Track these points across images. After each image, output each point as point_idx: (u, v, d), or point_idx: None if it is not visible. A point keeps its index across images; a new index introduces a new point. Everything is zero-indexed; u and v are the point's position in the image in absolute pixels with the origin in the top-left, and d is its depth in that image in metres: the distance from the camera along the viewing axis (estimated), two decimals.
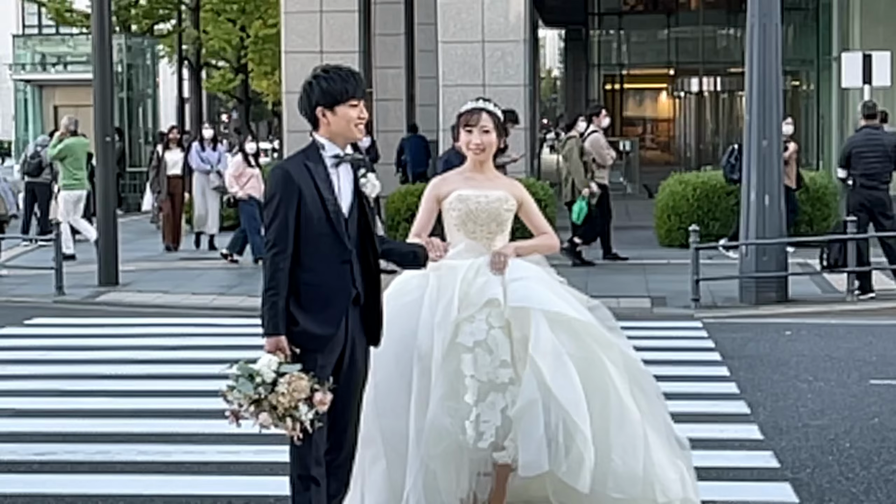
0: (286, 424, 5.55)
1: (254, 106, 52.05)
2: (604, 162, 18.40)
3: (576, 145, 18.11)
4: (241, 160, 19.24)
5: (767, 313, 14.47)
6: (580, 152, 18.05)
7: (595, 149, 18.29)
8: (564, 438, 6.22)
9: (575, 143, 18.16)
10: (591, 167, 18.15)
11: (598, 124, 18.67)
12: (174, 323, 14.34)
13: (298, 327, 5.68)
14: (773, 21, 14.93)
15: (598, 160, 18.31)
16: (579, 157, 18.01)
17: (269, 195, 5.75)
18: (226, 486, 7.72)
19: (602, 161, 18.37)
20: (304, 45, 23.37)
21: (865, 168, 15.31)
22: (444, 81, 21.11)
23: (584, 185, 17.94)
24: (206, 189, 21.36)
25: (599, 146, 18.41)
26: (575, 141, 18.18)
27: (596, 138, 18.47)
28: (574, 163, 18.02)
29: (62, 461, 8.38)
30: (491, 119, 6.65)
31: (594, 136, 18.47)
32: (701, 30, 43.36)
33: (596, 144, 18.38)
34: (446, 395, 6.26)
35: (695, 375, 10.95)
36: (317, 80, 5.82)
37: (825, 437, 8.83)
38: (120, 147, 28.41)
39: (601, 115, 18.98)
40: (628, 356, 6.56)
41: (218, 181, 21.39)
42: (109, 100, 17.63)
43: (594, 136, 18.46)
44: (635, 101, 49.72)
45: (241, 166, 19.07)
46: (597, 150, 18.31)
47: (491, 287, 6.41)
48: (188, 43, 39.93)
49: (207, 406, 8.87)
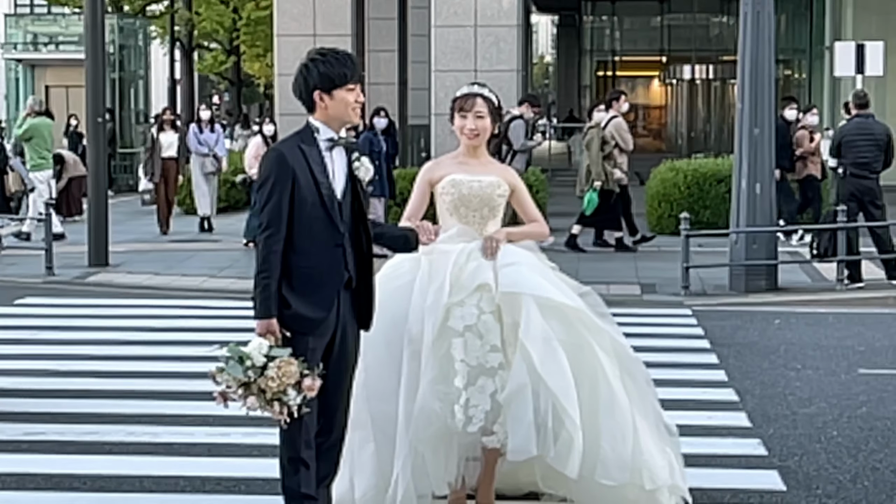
0: (274, 408, 5.56)
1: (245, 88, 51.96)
2: (626, 146, 18.43)
3: (596, 136, 18.09)
4: (260, 141, 19.27)
5: (757, 301, 14.49)
6: (601, 143, 18.03)
7: (619, 132, 18.30)
8: (553, 424, 6.24)
9: (595, 133, 18.13)
10: (613, 155, 18.15)
11: (617, 109, 18.69)
12: (164, 304, 14.33)
13: (290, 310, 5.69)
14: (766, 9, 14.93)
15: (622, 144, 18.31)
16: (598, 148, 18.00)
17: (263, 177, 5.75)
18: (215, 468, 7.72)
19: (625, 146, 18.39)
20: (296, 27, 23.28)
21: (856, 157, 15.32)
22: (436, 66, 21.07)
23: (599, 176, 17.95)
24: (203, 171, 21.28)
25: (623, 129, 18.45)
26: (595, 131, 18.15)
27: (619, 122, 18.49)
28: (593, 153, 18.01)
29: (51, 441, 8.38)
30: (486, 104, 6.65)
31: (616, 120, 18.48)
32: (694, 17, 43.40)
33: (619, 128, 18.39)
34: (436, 379, 6.27)
35: (684, 363, 10.97)
36: (314, 63, 5.80)
37: (813, 425, 8.85)
38: (111, 128, 28.35)
39: (620, 99, 19.00)
40: (618, 343, 6.57)
41: (213, 165, 21.32)
42: (101, 80, 17.58)
43: (616, 121, 18.47)
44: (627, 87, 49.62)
45: (260, 148, 19.03)
46: (620, 133, 18.32)
47: (482, 272, 6.42)
48: (180, 24, 39.85)
49: (197, 388, 8.87)
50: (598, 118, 18.44)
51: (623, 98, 19.12)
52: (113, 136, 29.59)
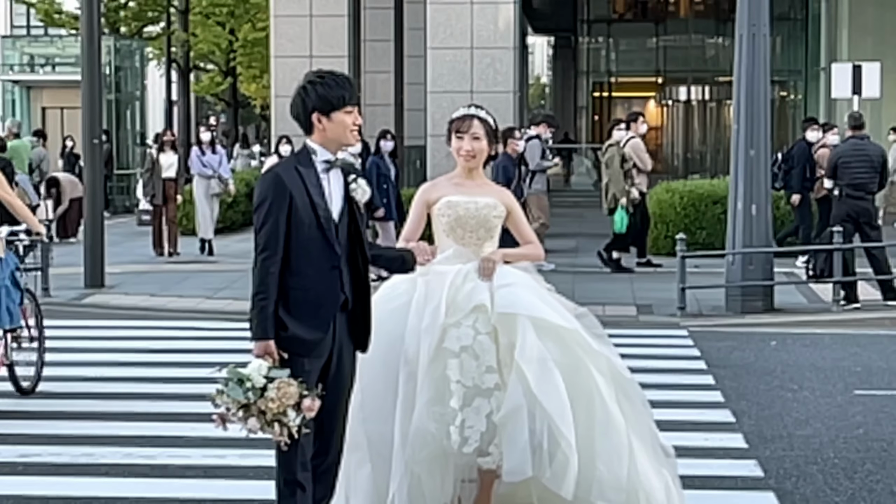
0: (274, 430, 5.56)
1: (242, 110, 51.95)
2: (644, 167, 18.48)
3: (616, 153, 18.13)
4: (277, 161, 19.25)
5: (753, 322, 14.49)
6: (621, 160, 18.07)
7: (637, 153, 18.36)
8: (549, 445, 6.23)
9: (616, 151, 18.17)
10: (631, 174, 18.19)
11: (636, 130, 18.75)
12: (160, 326, 14.32)
13: (287, 332, 5.69)
14: (761, 31, 14.97)
15: (640, 165, 18.36)
16: (619, 166, 18.03)
17: (259, 199, 5.74)
18: (211, 490, 7.72)
19: (643, 166, 18.44)
20: (293, 49, 23.35)
21: (852, 178, 15.34)
22: (432, 87, 21.10)
23: (622, 193, 17.98)
24: (208, 193, 21.21)
25: (640, 150, 18.52)
26: (616, 149, 18.19)
27: (636, 143, 18.56)
28: (614, 171, 18.04)
29: (46, 463, 8.37)
30: (482, 126, 6.66)
31: (634, 140, 18.55)
32: (690, 39, 43.46)
33: (637, 149, 18.46)
34: (432, 400, 6.27)
35: (680, 384, 10.96)
36: (312, 85, 5.80)
37: (810, 446, 8.85)
38: (108, 149, 28.35)
39: (639, 121, 19.10)
40: (614, 364, 6.57)
41: (219, 187, 21.25)
42: (98, 102, 17.60)
43: (634, 141, 18.54)
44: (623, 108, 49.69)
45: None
46: (638, 154, 18.37)
47: (479, 293, 6.42)
48: (177, 46, 39.88)
49: (193, 409, 8.87)
50: (617, 136, 18.49)
51: (641, 119, 19.24)
52: (109, 157, 29.58)
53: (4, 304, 9.96)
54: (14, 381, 10.34)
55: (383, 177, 17.88)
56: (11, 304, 10.04)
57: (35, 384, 10.52)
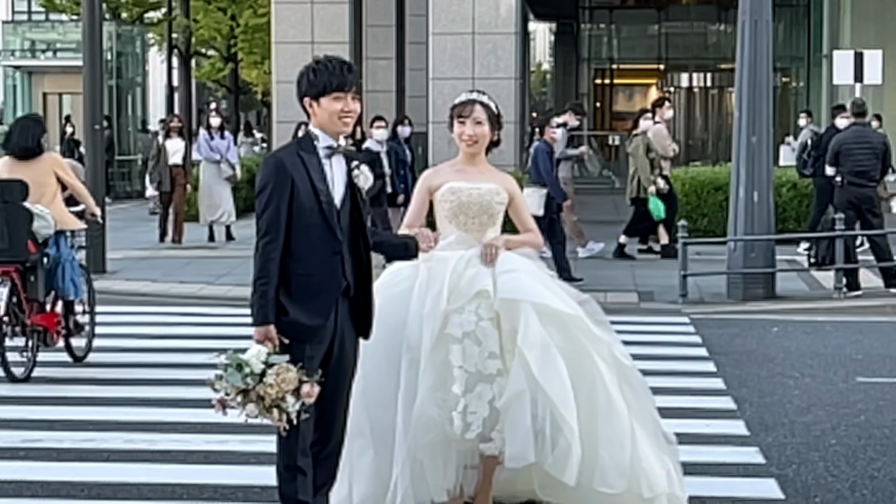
0: (272, 415, 5.56)
1: (243, 96, 51.93)
2: (666, 153, 18.43)
3: (642, 142, 18.09)
4: None
5: (755, 309, 14.48)
6: (647, 149, 18.03)
7: (657, 139, 18.28)
8: (551, 431, 6.23)
9: (641, 140, 18.13)
10: (657, 162, 18.13)
11: (661, 116, 18.70)
12: (162, 311, 14.32)
13: (288, 317, 5.68)
14: (763, 18, 14.94)
15: (661, 151, 18.28)
16: (645, 155, 17.99)
17: (261, 184, 5.74)
18: (212, 476, 7.72)
19: (664, 153, 18.38)
20: (294, 35, 23.31)
21: (854, 166, 15.33)
22: (434, 74, 21.08)
23: (649, 182, 17.95)
24: (217, 178, 21.12)
25: (662, 136, 18.46)
26: (641, 138, 18.15)
27: (659, 129, 18.49)
28: (640, 160, 18.00)
29: (48, 448, 8.37)
30: (484, 111, 6.65)
31: (657, 126, 18.49)
32: (692, 25, 43.41)
33: (658, 135, 18.39)
34: (434, 386, 6.27)
35: (681, 371, 10.96)
36: (308, 70, 5.83)
37: (811, 433, 8.85)
38: (109, 135, 28.33)
39: (664, 106, 19.02)
40: (616, 351, 6.57)
41: (230, 171, 21.18)
42: (99, 87, 17.58)
43: (657, 127, 18.48)
44: (625, 95, 49.67)
45: None
46: (659, 140, 18.28)
47: (481, 278, 6.41)
48: (178, 31, 39.82)
49: (194, 395, 8.87)
50: (644, 126, 18.41)
51: (667, 104, 19.16)
52: (111, 143, 29.56)
53: (69, 276, 10.74)
54: (70, 351, 11.02)
55: (401, 162, 17.81)
56: (76, 276, 10.86)
57: (85, 355, 11.19)
